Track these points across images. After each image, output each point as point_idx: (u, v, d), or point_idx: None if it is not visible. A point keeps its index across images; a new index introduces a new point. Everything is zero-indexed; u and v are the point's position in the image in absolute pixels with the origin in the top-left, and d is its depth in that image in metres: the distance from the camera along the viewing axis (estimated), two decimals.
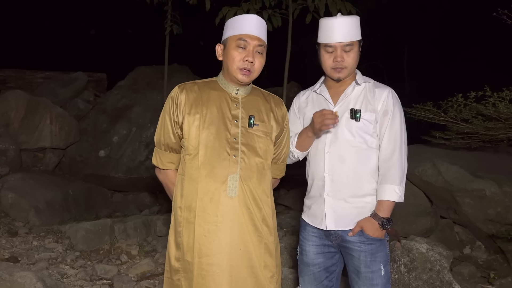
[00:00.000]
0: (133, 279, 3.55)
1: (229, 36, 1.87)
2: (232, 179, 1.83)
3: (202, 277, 1.80)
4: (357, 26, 2.03)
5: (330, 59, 2.02)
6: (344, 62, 2.00)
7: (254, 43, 1.85)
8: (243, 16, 1.91)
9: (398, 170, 1.99)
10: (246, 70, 1.85)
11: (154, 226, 4.52)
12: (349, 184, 2.01)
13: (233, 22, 1.89)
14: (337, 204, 2.03)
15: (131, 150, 6.70)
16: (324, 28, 2.03)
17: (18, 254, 3.78)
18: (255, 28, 1.86)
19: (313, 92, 2.19)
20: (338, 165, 2.02)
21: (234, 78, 1.88)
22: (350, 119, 2.00)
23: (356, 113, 1.99)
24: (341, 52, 2.00)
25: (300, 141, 2.08)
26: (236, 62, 1.84)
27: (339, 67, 2.01)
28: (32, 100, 6.26)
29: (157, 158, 1.99)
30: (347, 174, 2.01)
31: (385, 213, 1.97)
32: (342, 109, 2.04)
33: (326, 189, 2.04)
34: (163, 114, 1.93)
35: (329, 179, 2.03)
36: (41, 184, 5.23)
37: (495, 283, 3.51)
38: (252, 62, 1.85)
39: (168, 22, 6.52)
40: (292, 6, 4.93)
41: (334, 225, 2.03)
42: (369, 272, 1.99)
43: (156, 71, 7.62)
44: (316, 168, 2.09)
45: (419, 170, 4.28)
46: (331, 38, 2.00)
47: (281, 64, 5.22)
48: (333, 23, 2.00)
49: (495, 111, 3.35)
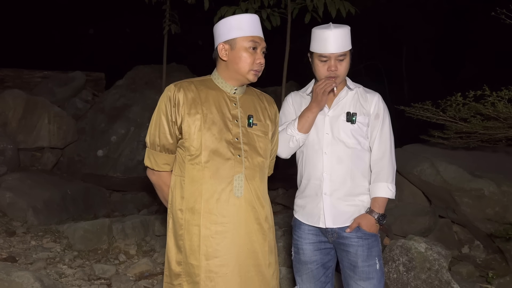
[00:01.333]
0: (131, 279, 3.54)
1: (239, 37, 1.86)
2: (237, 179, 1.83)
3: (211, 280, 1.78)
4: (348, 36, 2.10)
5: (324, 68, 2.09)
6: (337, 71, 2.08)
7: (263, 45, 1.90)
8: (251, 16, 1.91)
9: (389, 169, 2.13)
10: (257, 71, 1.90)
11: (153, 225, 4.51)
12: (345, 184, 2.10)
13: (240, 22, 1.87)
14: (335, 202, 2.10)
15: (129, 149, 6.68)
16: (318, 38, 2.09)
17: (16, 254, 3.77)
18: (260, 30, 1.93)
19: (305, 95, 2.25)
20: (336, 165, 2.09)
21: (244, 78, 1.90)
22: (345, 122, 2.10)
23: (352, 116, 2.08)
24: (335, 61, 2.07)
25: (303, 121, 2.10)
26: (250, 64, 1.86)
27: (333, 76, 2.08)
28: (30, 99, 6.24)
29: (151, 160, 1.94)
30: (343, 174, 2.10)
31: (380, 209, 2.10)
32: (337, 113, 2.13)
33: (325, 188, 2.10)
34: (158, 114, 1.88)
35: (327, 179, 2.10)
36: (39, 183, 5.21)
37: (494, 282, 3.51)
38: (263, 64, 1.90)
39: (166, 21, 6.51)
40: (290, 5, 4.93)
41: (332, 223, 2.10)
42: (366, 266, 2.06)
43: (155, 71, 7.61)
44: (313, 168, 2.14)
45: (418, 169, 4.28)
46: (326, 49, 2.06)
47: (280, 64, 5.21)
48: (327, 34, 2.05)
49: (494, 110, 3.35)
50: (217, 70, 1.95)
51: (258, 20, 1.92)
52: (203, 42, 9.83)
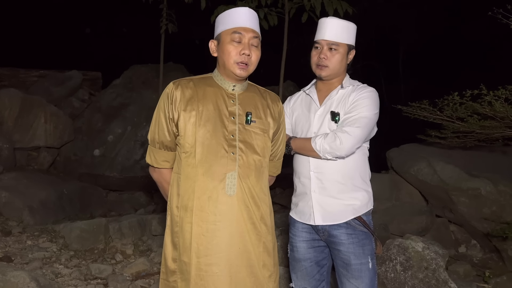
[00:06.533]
0: (128, 279, 3.52)
1: (223, 31, 1.83)
2: (230, 177, 1.79)
3: (201, 278, 1.76)
4: (348, 31, 2.08)
5: (316, 56, 2.09)
6: (326, 60, 2.06)
7: (249, 36, 1.81)
8: (235, 9, 1.85)
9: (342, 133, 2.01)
10: (243, 64, 1.81)
11: (149, 225, 4.50)
12: (333, 182, 2.08)
13: (225, 16, 1.84)
14: (324, 200, 2.09)
15: (126, 149, 6.67)
16: (318, 26, 2.11)
17: (11, 254, 3.75)
18: (249, 20, 1.82)
19: (303, 92, 2.26)
20: (323, 163, 2.08)
21: (231, 73, 1.83)
22: (330, 121, 2.08)
23: (335, 115, 2.06)
24: (326, 50, 2.06)
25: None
26: (233, 56, 1.80)
27: (321, 64, 2.07)
28: (26, 98, 6.22)
29: (151, 157, 1.94)
30: (331, 172, 2.08)
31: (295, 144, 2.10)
32: (325, 111, 2.12)
33: (313, 186, 2.11)
34: (158, 111, 1.88)
35: (314, 177, 2.10)
36: (35, 183, 5.19)
37: (490, 281, 3.52)
38: (249, 55, 1.81)
39: (163, 20, 6.50)
40: (288, 5, 4.93)
41: (321, 220, 2.09)
42: (358, 264, 2.06)
43: (152, 70, 7.60)
44: (302, 167, 2.15)
45: (415, 169, 4.29)
46: (319, 35, 2.08)
47: (277, 63, 5.21)
48: (325, 21, 2.08)
49: (490, 109, 3.36)
50: (216, 68, 1.94)
51: (246, 11, 1.84)
52: (200, 42, 9.82)
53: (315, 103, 2.16)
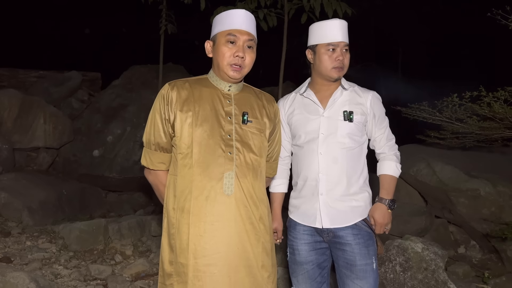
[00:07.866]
0: (128, 279, 3.52)
1: (218, 32, 1.84)
2: (227, 177, 1.78)
3: (198, 279, 1.74)
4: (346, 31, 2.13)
5: (332, 58, 2.08)
6: (344, 60, 2.08)
7: (244, 38, 1.82)
8: (232, 11, 1.85)
9: (394, 149, 2.26)
10: (237, 66, 1.81)
11: (149, 226, 4.50)
12: (341, 184, 2.08)
13: (221, 18, 1.85)
14: (331, 202, 2.08)
15: (125, 149, 6.67)
16: (324, 29, 2.09)
17: (11, 255, 3.75)
18: (244, 23, 1.83)
19: (298, 95, 2.23)
20: (332, 165, 2.08)
21: (225, 74, 1.84)
22: (341, 122, 2.08)
23: (350, 114, 2.08)
24: (341, 51, 2.08)
25: None
26: (227, 58, 1.81)
27: (339, 66, 2.08)
28: (26, 99, 6.21)
29: (146, 159, 1.94)
30: (339, 174, 2.08)
31: (389, 194, 2.14)
32: (333, 113, 2.11)
33: (321, 189, 2.09)
34: (153, 113, 1.87)
35: (324, 179, 2.08)
36: (35, 184, 5.19)
37: (490, 282, 3.53)
38: (243, 58, 1.81)
39: (162, 21, 6.50)
40: (287, 5, 4.93)
41: (329, 223, 2.07)
42: (363, 264, 2.05)
43: (151, 70, 7.60)
44: (309, 169, 2.13)
45: (414, 169, 4.29)
46: (335, 37, 2.07)
47: (277, 64, 5.21)
48: (335, 24, 2.08)
49: (490, 111, 3.37)
50: (212, 68, 1.94)
51: (242, 13, 1.84)
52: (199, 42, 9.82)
53: (316, 105, 2.15)
